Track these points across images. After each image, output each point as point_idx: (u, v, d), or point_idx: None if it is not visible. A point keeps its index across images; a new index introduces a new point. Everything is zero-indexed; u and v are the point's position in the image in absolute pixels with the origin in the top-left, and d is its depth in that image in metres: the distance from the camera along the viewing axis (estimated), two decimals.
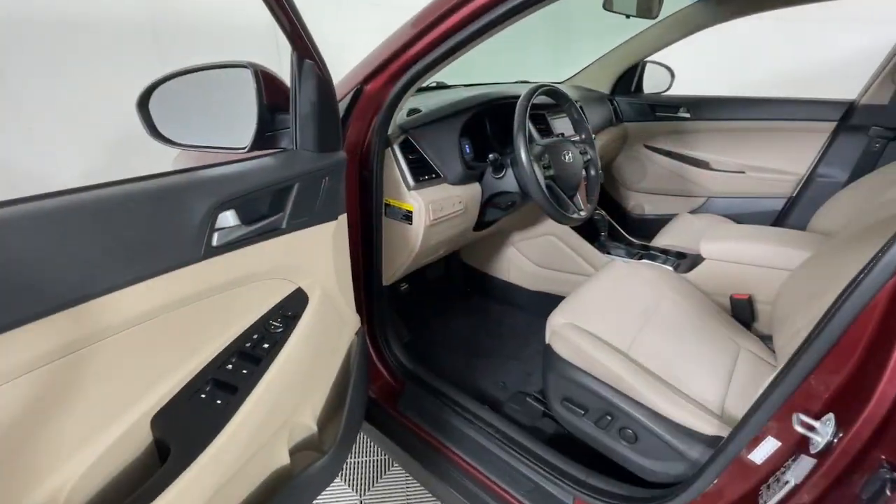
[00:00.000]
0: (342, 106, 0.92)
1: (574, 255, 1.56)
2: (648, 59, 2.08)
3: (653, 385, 0.92)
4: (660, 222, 2.15)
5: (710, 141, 1.97)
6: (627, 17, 1.30)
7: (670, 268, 1.41)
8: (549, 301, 1.69)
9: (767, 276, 1.23)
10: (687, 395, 0.94)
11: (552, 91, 1.17)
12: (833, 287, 0.70)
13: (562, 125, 1.50)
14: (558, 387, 1.05)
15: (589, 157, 1.25)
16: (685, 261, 1.46)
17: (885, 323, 0.54)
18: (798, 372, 0.62)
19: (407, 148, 1.07)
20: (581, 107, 1.66)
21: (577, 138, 1.29)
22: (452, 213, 1.12)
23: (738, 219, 1.95)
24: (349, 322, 0.92)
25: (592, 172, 1.28)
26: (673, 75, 2.06)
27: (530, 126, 1.31)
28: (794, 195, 1.83)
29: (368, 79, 0.93)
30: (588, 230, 1.62)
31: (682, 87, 2.05)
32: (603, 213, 1.49)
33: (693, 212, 2.07)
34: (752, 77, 2.57)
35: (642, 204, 2.22)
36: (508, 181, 1.14)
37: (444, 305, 1.79)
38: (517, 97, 1.11)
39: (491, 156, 1.12)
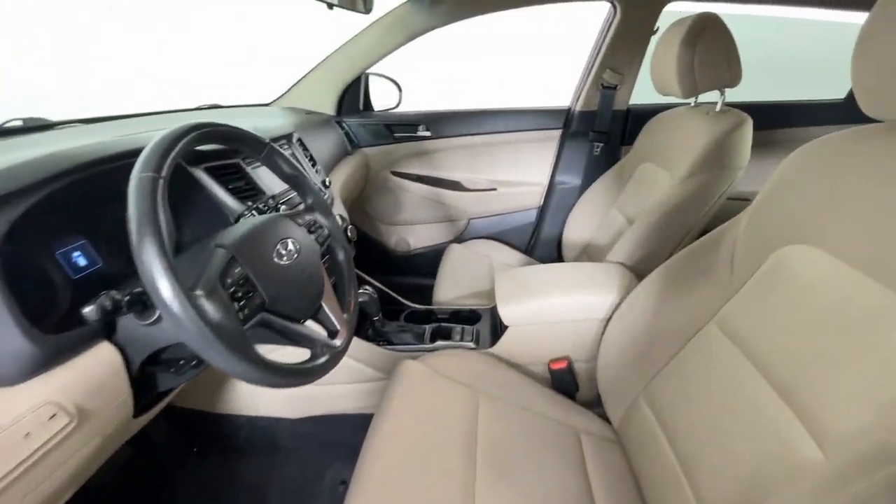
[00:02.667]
0: None
1: (346, 360, 1.06)
2: (371, 71, 1.73)
3: None
4: (429, 256, 1.89)
5: (457, 159, 1.76)
6: (330, 7, 0.85)
7: (471, 344, 1.06)
8: (327, 427, 1.16)
9: (580, 330, 1.01)
10: None
11: (215, 135, 0.59)
12: (659, 341, 0.82)
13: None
14: None
15: (327, 231, 0.75)
16: (482, 324, 1.15)
17: None
18: None
19: None
20: (300, 140, 1.16)
21: (302, 203, 0.77)
22: (36, 453, 0.46)
23: (500, 237, 1.84)
24: None
25: (341, 256, 0.79)
26: (399, 88, 1.76)
27: (210, 184, 0.74)
28: (542, 205, 1.80)
29: None
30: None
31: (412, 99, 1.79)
32: (370, 290, 1.04)
33: (458, 238, 1.87)
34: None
35: (405, 238, 1.90)
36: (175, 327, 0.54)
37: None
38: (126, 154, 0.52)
39: (95, 309, 0.48)
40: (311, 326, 0.67)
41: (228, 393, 1.12)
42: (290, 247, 0.63)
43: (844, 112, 1.60)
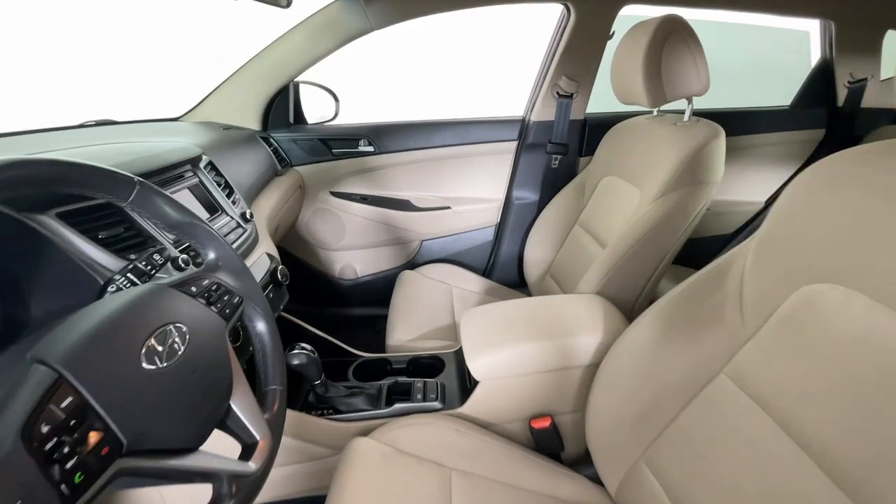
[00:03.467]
0: None
1: (286, 443, 0.84)
2: (301, 80, 1.52)
3: None
4: (379, 283, 1.70)
5: (405, 176, 1.59)
6: None
7: (436, 404, 0.89)
8: None
9: (562, 379, 0.86)
10: None
11: (48, 176, 0.37)
12: (661, 395, 0.68)
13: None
14: None
15: (236, 298, 0.55)
16: (447, 375, 0.98)
17: None
18: None
19: None
20: (212, 163, 0.94)
21: (202, 264, 0.56)
22: None
23: (456, 259, 1.69)
24: None
25: (260, 327, 0.58)
26: (336, 98, 1.57)
27: (67, 234, 0.54)
28: (500, 222, 1.66)
29: None
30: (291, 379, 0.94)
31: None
32: (308, 349, 0.84)
33: (410, 262, 1.69)
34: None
35: (351, 265, 1.70)
36: None
37: None
38: None
39: None
40: (218, 441, 0.47)
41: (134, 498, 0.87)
42: (173, 338, 0.43)
43: (789, 119, 1.60)
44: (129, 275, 0.58)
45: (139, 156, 0.77)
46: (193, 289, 0.50)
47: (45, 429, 0.31)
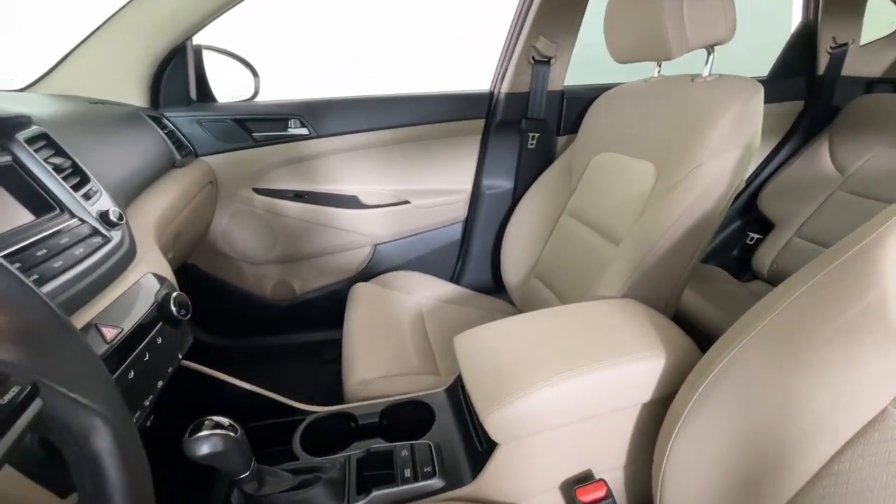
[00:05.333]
0: None
1: None
2: (201, 43, 1.16)
3: None
4: (323, 302, 1.37)
5: (349, 166, 1.27)
6: None
7: (436, 483, 0.59)
8: None
9: (610, 425, 0.60)
10: None
11: None
12: (791, 445, 0.45)
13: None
14: None
15: (14, 390, 0.23)
16: (440, 433, 0.69)
17: None
18: None
19: None
20: (45, 135, 0.58)
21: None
22: None
23: (418, 264, 1.40)
24: None
25: (115, 479, 0.26)
26: (255, 72, 1.22)
27: None
28: (468, 217, 1.40)
29: None
30: (201, 479, 0.60)
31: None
32: (224, 428, 0.51)
33: (363, 273, 1.38)
34: None
35: (286, 281, 1.35)
36: None
37: None
38: None
39: None
40: None
41: None
42: None
43: (767, 91, 1.49)
44: None
45: None
46: None
47: None
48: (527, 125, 1.27)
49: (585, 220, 1.06)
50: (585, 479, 0.61)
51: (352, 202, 1.30)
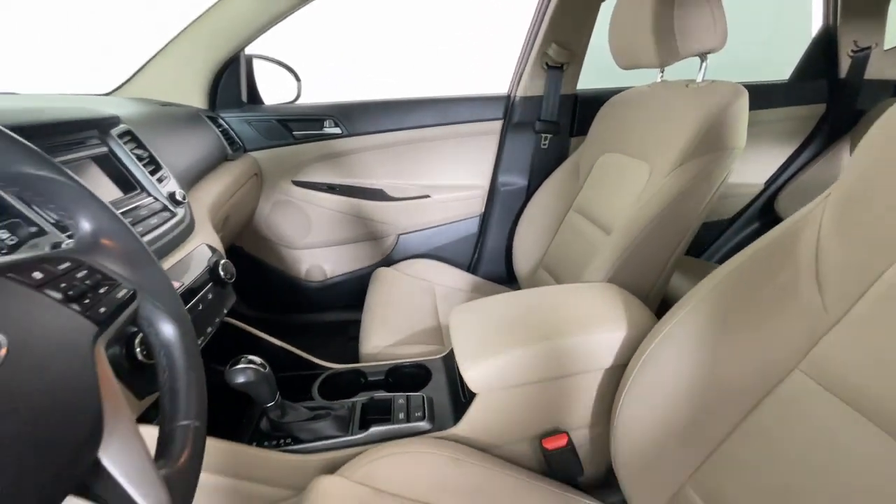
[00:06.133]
0: None
1: (229, 482, 0.65)
2: (253, 53, 1.33)
3: None
4: (351, 284, 1.51)
5: (377, 162, 1.41)
6: None
7: (424, 425, 0.71)
8: None
9: (578, 386, 0.70)
10: None
11: None
12: (717, 401, 0.55)
13: None
14: None
15: (123, 292, 0.36)
16: (435, 386, 0.80)
17: None
18: None
19: None
20: (130, 132, 0.74)
21: (70, 241, 0.37)
22: None
23: (438, 254, 1.52)
24: None
25: (167, 332, 0.40)
26: (297, 77, 1.38)
27: None
28: (485, 212, 1.50)
29: None
30: (238, 406, 0.75)
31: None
32: (255, 361, 0.65)
33: (386, 259, 1.51)
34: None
35: (319, 265, 1.50)
36: None
37: None
38: None
39: None
40: None
41: None
42: None
43: (789, 93, 1.51)
44: None
45: (12, 109, 0.57)
46: (38, 276, 0.31)
47: None
48: (540, 126, 1.36)
49: (588, 215, 1.14)
50: (554, 432, 0.71)
51: (378, 195, 1.44)
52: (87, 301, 0.33)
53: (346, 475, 0.60)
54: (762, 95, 1.50)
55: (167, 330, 0.40)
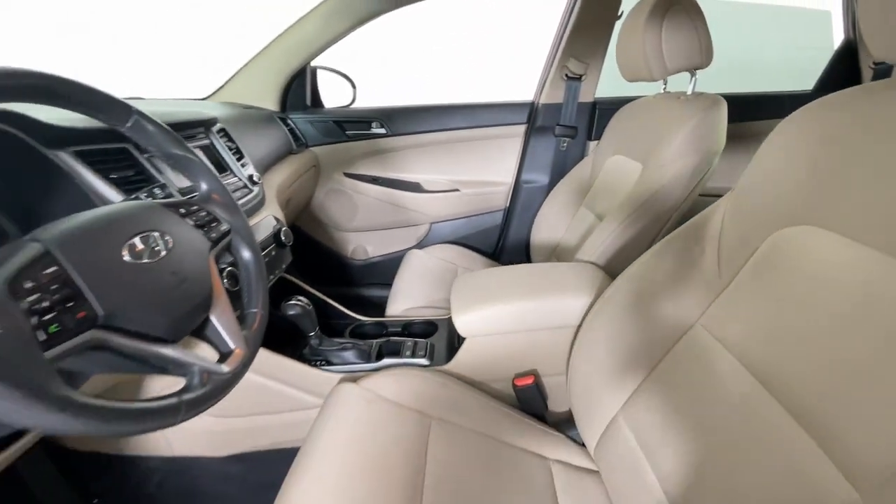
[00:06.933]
0: None
1: (276, 386, 0.89)
2: (317, 64, 1.59)
3: None
4: (389, 263, 1.74)
5: (415, 159, 1.63)
6: None
7: (423, 361, 0.91)
8: (259, 465, 0.98)
9: (548, 339, 0.87)
10: None
11: (42, 90, 0.42)
12: (640, 348, 0.69)
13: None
14: None
15: (225, 227, 0.60)
16: (439, 337, 1.01)
17: None
18: None
19: None
20: (224, 129, 1.00)
21: (196, 195, 0.62)
22: None
23: (465, 241, 1.71)
24: None
25: (246, 255, 0.63)
26: (353, 84, 1.63)
27: (82, 171, 0.59)
28: (508, 207, 1.68)
29: None
30: (287, 331, 0.98)
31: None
32: (302, 299, 0.88)
33: (420, 244, 1.72)
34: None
35: (363, 246, 1.75)
36: None
37: None
38: None
39: None
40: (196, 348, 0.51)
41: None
42: (155, 242, 0.47)
43: None
44: None
45: (152, 111, 0.84)
46: (183, 210, 0.55)
47: (28, 284, 0.35)
48: (559, 131, 1.52)
49: (593, 209, 1.29)
50: (525, 375, 0.88)
51: (415, 187, 1.66)
52: (205, 229, 0.56)
53: (359, 384, 0.81)
54: (786, 105, 1.56)
55: (246, 253, 0.63)
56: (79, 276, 0.39)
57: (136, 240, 0.46)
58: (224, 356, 0.52)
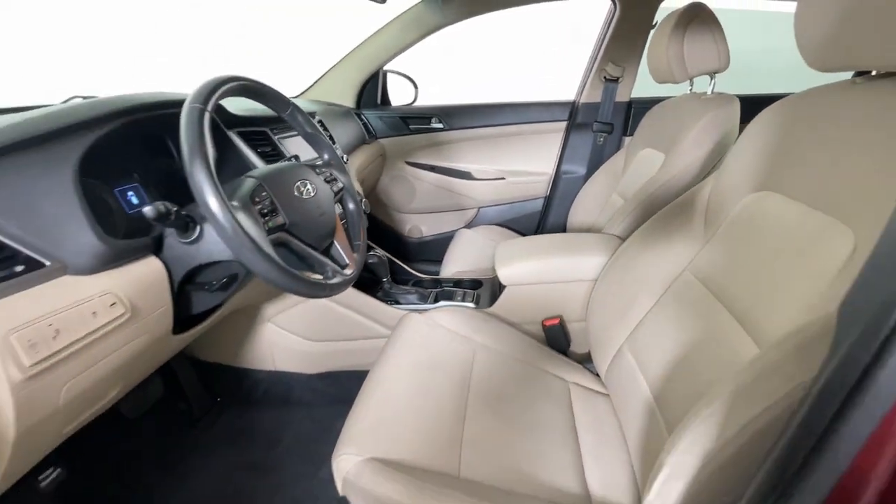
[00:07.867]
0: None
1: (357, 317, 1.16)
2: (388, 68, 1.86)
3: None
4: (440, 242, 1.99)
5: (467, 150, 1.87)
6: None
7: (472, 305, 1.15)
8: (339, 382, 1.25)
9: (573, 291, 1.08)
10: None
11: (251, 88, 0.71)
12: (641, 292, 0.88)
13: (298, 146, 1.08)
14: None
15: (341, 184, 0.86)
16: (483, 290, 1.24)
17: None
18: None
19: None
20: (321, 121, 1.28)
21: (320, 161, 0.89)
22: (99, 331, 0.56)
23: (509, 224, 1.93)
24: None
25: (351, 206, 0.89)
26: (416, 85, 1.89)
27: (241, 145, 0.86)
28: (548, 194, 1.88)
29: None
30: (366, 277, 1.25)
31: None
32: (379, 252, 1.14)
33: (468, 225, 1.96)
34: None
35: (418, 226, 2.01)
36: (210, 245, 0.65)
37: (175, 448, 1.14)
38: (179, 101, 0.63)
39: (152, 208, 0.58)
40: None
41: (250, 349, 1.23)
42: (309, 187, 0.74)
43: None
44: None
45: None
46: (318, 171, 0.82)
47: (255, 199, 0.62)
48: (597, 127, 1.70)
49: (624, 196, 1.47)
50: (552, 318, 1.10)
51: (466, 175, 1.89)
52: (329, 183, 0.83)
53: (421, 316, 1.06)
54: None
55: (351, 205, 0.89)
56: (276, 199, 0.66)
57: (299, 183, 0.72)
58: (343, 267, 0.78)
